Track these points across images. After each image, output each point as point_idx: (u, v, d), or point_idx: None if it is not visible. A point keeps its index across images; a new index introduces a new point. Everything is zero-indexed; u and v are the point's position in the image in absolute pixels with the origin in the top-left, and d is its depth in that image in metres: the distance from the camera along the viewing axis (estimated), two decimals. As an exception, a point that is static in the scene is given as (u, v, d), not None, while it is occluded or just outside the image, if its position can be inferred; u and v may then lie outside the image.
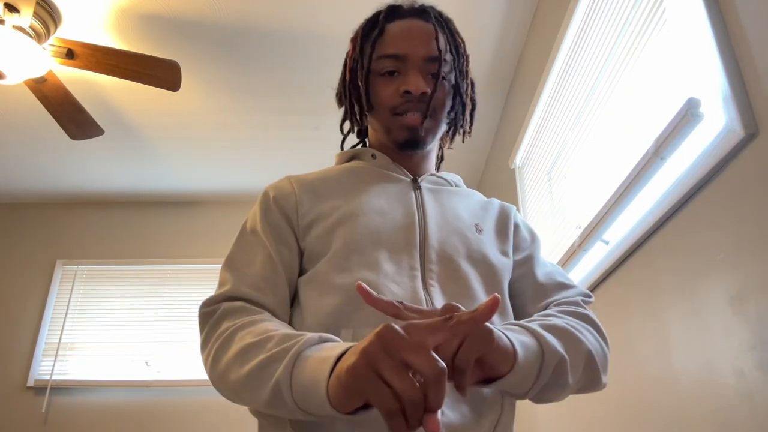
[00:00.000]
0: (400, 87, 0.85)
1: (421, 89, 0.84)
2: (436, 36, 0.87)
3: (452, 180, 0.98)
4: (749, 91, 0.97)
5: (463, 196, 0.94)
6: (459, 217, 0.88)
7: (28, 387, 3.22)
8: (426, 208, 0.86)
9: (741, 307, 0.97)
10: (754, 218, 0.94)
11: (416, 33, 0.88)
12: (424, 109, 0.85)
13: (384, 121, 0.88)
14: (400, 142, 0.88)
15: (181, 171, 3.44)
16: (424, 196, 0.88)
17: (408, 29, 0.88)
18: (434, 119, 0.87)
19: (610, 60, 1.57)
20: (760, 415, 0.92)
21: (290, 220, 0.85)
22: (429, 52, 0.86)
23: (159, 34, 2.34)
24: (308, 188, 0.88)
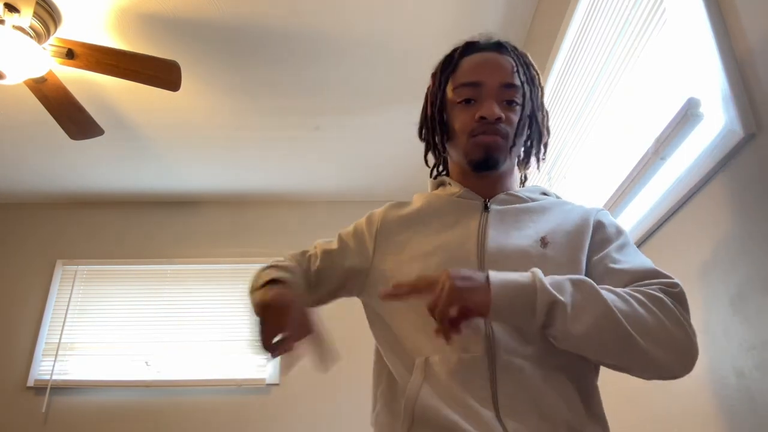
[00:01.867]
0: (476, 113, 0.90)
1: (496, 114, 0.89)
2: (515, 68, 0.93)
3: (528, 195, 0.99)
4: (749, 91, 0.97)
5: (536, 211, 0.95)
6: (523, 234, 0.90)
7: (28, 387, 3.22)
8: (488, 230, 0.90)
9: (741, 306, 0.97)
10: (754, 218, 0.94)
11: (492, 63, 0.93)
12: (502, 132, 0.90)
13: (462, 145, 0.94)
14: (475, 162, 0.93)
15: (181, 171, 3.44)
16: (489, 219, 0.92)
17: (484, 60, 0.94)
18: (507, 139, 0.91)
19: (610, 60, 1.57)
20: (760, 415, 0.92)
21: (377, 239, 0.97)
22: (504, 80, 0.91)
23: (159, 34, 2.34)
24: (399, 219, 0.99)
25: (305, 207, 3.76)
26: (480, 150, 0.91)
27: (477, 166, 0.93)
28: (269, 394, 3.21)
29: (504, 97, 0.91)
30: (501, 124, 0.90)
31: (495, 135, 0.90)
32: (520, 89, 0.92)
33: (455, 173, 1.01)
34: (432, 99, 0.99)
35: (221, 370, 3.25)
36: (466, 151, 0.93)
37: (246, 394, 3.20)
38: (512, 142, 0.93)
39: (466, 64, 0.95)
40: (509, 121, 0.91)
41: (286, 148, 3.19)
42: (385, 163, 3.32)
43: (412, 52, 2.47)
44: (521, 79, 0.93)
